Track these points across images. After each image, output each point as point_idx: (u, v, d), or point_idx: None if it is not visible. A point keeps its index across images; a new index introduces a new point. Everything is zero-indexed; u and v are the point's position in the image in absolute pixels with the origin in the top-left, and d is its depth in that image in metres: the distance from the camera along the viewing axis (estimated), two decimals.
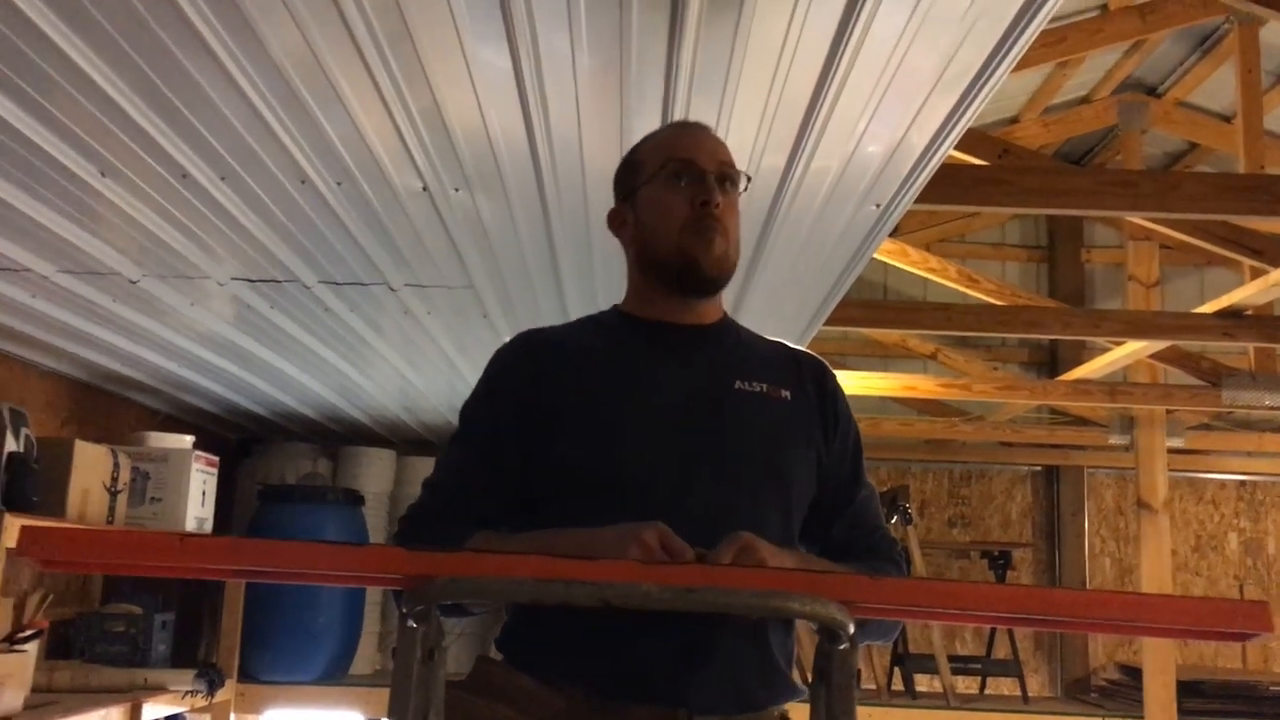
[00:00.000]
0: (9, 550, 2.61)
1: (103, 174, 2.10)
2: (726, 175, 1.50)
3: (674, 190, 1.48)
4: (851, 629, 1.07)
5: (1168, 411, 5.80)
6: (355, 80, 1.77)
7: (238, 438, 5.45)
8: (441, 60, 1.72)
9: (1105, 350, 5.40)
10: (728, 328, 1.59)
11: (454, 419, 4.54)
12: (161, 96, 1.80)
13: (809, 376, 1.55)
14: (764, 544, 1.28)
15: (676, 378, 1.47)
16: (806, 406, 1.51)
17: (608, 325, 1.57)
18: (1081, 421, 6.84)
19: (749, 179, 1.58)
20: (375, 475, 5.24)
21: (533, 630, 1.41)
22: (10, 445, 2.91)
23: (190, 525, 3.86)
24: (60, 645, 3.89)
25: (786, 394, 1.49)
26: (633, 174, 1.55)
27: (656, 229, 1.50)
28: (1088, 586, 7.03)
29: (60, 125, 1.89)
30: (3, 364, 3.57)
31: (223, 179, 2.15)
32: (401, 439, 5.45)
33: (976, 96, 1.84)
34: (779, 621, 1.43)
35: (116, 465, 3.51)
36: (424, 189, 2.21)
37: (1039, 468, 7.41)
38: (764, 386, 1.49)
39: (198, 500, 3.95)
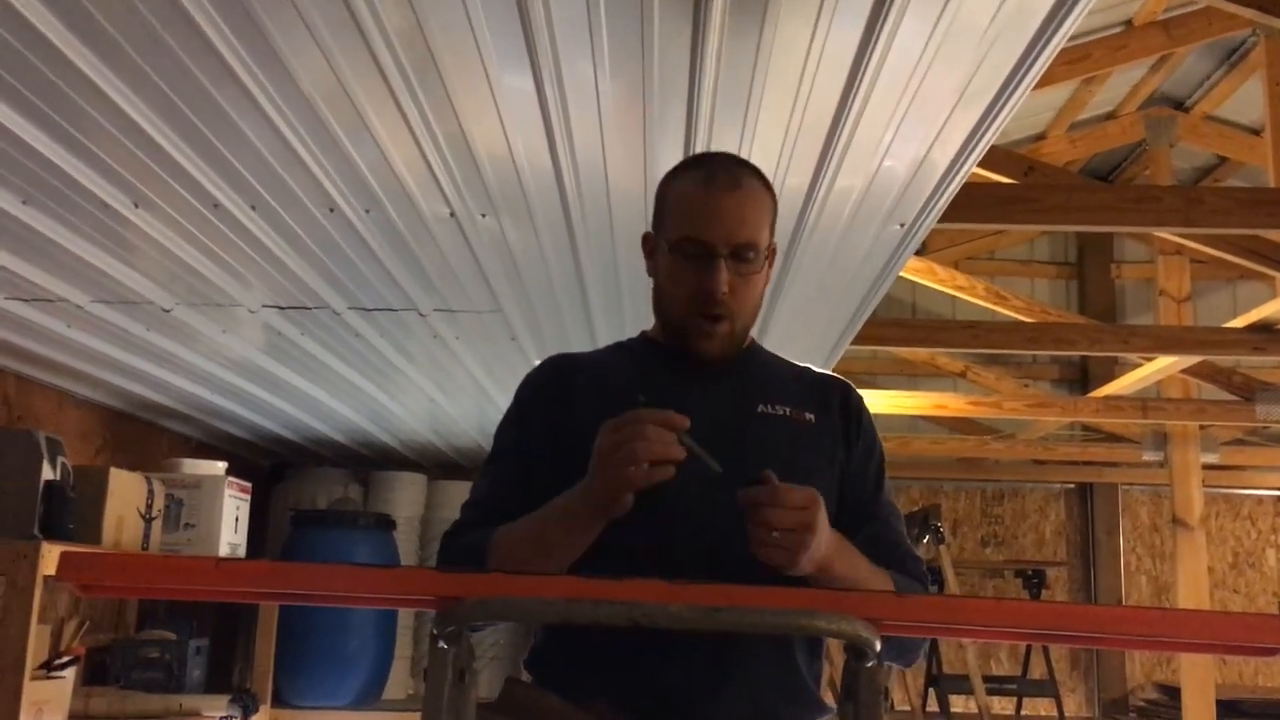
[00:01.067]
0: (47, 577, 2.64)
1: (136, 205, 2.14)
2: (741, 255, 1.45)
3: (685, 266, 1.46)
4: (878, 646, 1.07)
5: (1201, 427, 5.75)
6: (382, 109, 1.80)
7: (270, 464, 5.49)
8: (466, 88, 1.74)
9: (1137, 366, 5.37)
10: (752, 353, 1.60)
11: (484, 442, 4.56)
12: (193, 129, 1.84)
13: (834, 398, 1.55)
14: (822, 512, 1.29)
15: (700, 403, 1.48)
16: (830, 428, 1.52)
17: (634, 352, 1.59)
18: (1114, 438, 6.80)
19: (771, 252, 1.51)
20: (406, 500, 5.26)
21: (560, 650, 1.42)
22: (47, 474, 2.95)
23: (224, 550, 3.89)
24: (97, 672, 3.93)
25: (810, 416, 1.50)
26: (658, 217, 1.54)
27: (667, 296, 1.50)
28: (1124, 604, 6.96)
29: (94, 158, 1.93)
30: (39, 394, 3.63)
31: (253, 208, 2.18)
32: (432, 463, 5.48)
33: (999, 113, 1.85)
34: (806, 640, 1.43)
35: (151, 492, 3.55)
36: (451, 215, 2.24)
37: (1072, 485, 7.36)
38: (787, 410, 1.49)
39: (231, 526, 3.98)
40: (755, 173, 1.53)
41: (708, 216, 1.45)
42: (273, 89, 1.71)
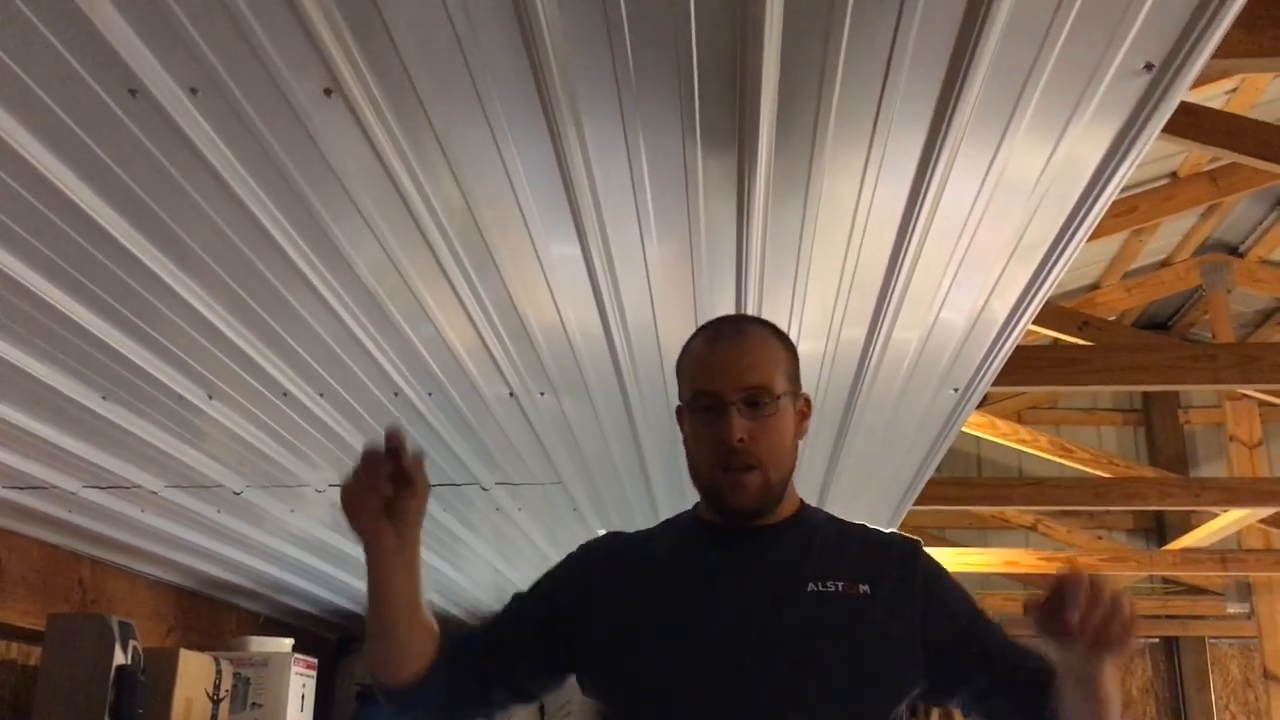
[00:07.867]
0: None
1: (210, 397, 2.21)
2: (754, 401, 1.42)
3: (704, 425, 1.43)
4: None
5: None
6: (436, 290, 1.84)
7: (336, 636, 5.47)
8: (518, 269, 1.78)
9: (1215, 513, 5.23)
10: (801, 521, 1.53)
11: None
12: (262, 322, 1.90)
13: (891, 562, 1.48)
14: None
15: (748, 584, 1.44)
16: (888, 598, 1.44)
17: (680, 531, 1.55)
18: (1197, 590, 6.56)
19: (804, 404, 1.52)
20: None
21: None
22: (118, 658, 2.97)
23: None
24: None
25: (865, 589, 1.43)
26: (679, 386, 1.52)
27: (694, 459, 1.48)
28: None
29: (170, 354, 2.00)
30: (113, 577, 3.67)
31: (321, 395, 2.24)
32: None
33: (1053, 267, 1.83)
34: None
35: (219, 672, 3.55)
36: (511, 395, 2.28)
37: (1156, 640, 7.07)
38: (839, 584, 1.42)
39: (297, 704, 3.95)
40: (765, 324, 1.54)
41: (713, 367, 1.45)
42: (335, 282, 1.77)
